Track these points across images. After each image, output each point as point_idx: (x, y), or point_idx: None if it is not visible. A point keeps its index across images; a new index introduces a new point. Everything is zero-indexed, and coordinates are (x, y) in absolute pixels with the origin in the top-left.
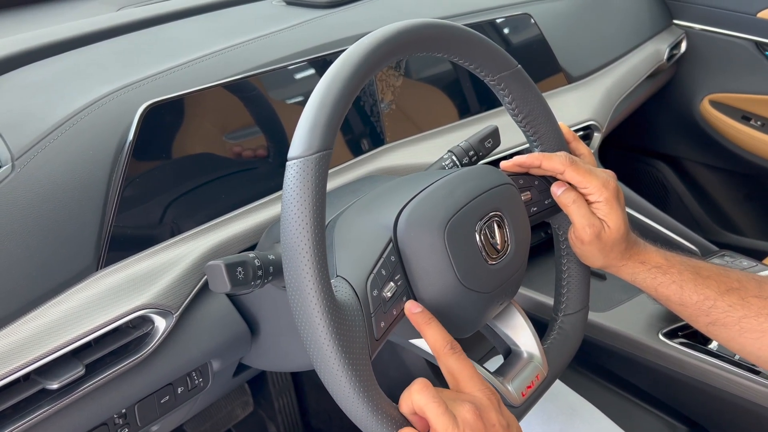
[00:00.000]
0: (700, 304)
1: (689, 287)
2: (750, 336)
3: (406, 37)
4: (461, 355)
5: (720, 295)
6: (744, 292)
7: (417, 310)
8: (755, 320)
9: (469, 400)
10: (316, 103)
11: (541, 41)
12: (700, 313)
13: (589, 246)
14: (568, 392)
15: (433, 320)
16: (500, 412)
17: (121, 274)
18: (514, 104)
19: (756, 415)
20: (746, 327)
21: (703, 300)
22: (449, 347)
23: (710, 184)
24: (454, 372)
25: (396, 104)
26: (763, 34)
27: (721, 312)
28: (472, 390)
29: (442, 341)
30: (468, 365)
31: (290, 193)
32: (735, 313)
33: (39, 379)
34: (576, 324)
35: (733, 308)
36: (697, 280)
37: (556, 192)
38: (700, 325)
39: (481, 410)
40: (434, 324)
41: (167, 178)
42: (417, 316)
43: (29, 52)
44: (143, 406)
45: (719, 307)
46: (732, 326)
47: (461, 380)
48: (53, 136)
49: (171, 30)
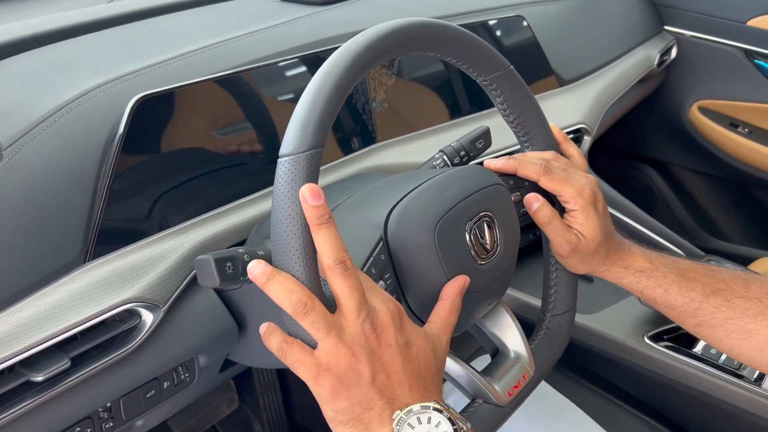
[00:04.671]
0: (685, 306)
1: (674, 290)
2: (736, 337)
3: (399, 36)
4: (350, 271)
5: (705, 297)
6: (729, 293)
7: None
8: (741, 321)
9: (362, 317)
10: (308, 101)
11: (534, 43)
12: (686, 315)
13: (568, 258)
14: (553, 394)
15: (280, 273)
16: (401, 330)
17: (108, 267)
18: (505, 105)
19: (738, 419)
20: (732, 328)
21: (689, 302)
22: (337, 266)
23: (697, 189)
24: (340, 295)
25: (388, 103)
26: (752, 41)
27: (707, 314)
28: (371, 302)
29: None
30: (355, 281)
31: (281, 190)
32: (721, 315)
33: (24, 371)
34: (563, 324)
35: (719, 310)
36: (681, 282)
37: (531, 206)
38: (687, 326)
39: (377, 327)
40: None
41: (157, 172)
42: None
43: (20, 41)
44: (128, 401)
45: (705, 309)
46: (718, 327)
47: (352, 299)
48: (43, 127)
49: (163, 23)
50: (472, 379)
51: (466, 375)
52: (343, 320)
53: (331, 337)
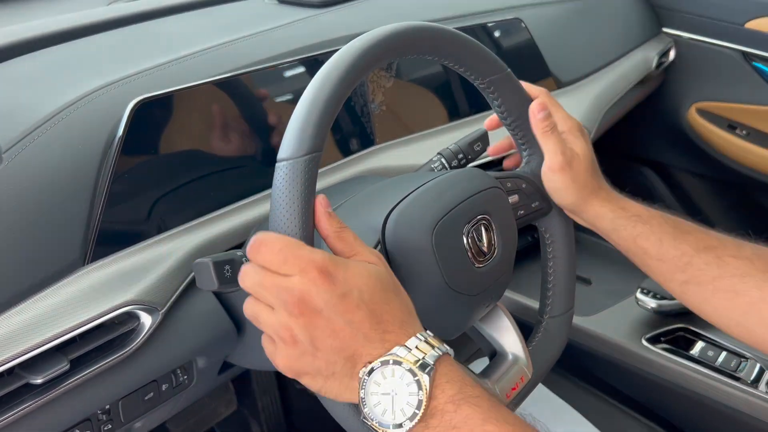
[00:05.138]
0: (677, 260)
1: (668, 241)
2: (723, 296)
3: (397, 40)
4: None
5: (697, 252)
6: (722, 250)
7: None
8: (729, 281)
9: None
10: (306, 105)
11: (532, 46)
12: (676, 270)
13: (561, 175)
14: (550, 396)
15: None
16: (331, 285)
17: (107, 269)
18: (503, 108)
19: (735, 421)
20: (720, 287)
21: (680, 255)
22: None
23: (695, 191)
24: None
25: (386, 105)
26: (750, 44)
27: (697, 269)
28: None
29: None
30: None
31: (279, 195)
32: (710, 272)
33: (23, 373)
34: (561, 326)
35: (709, 267)
36: (676, 234)
37: (536, 114)
38: (675, 284)
39: (298, 304)
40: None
41: (156, 175)
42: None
43: (20, 44)
44: (127, 403)
45: (695, 264)
46: (706, 285)
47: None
48: (42, 130)
49: (162, 26)
50: None
51: None
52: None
53: (275, 327)
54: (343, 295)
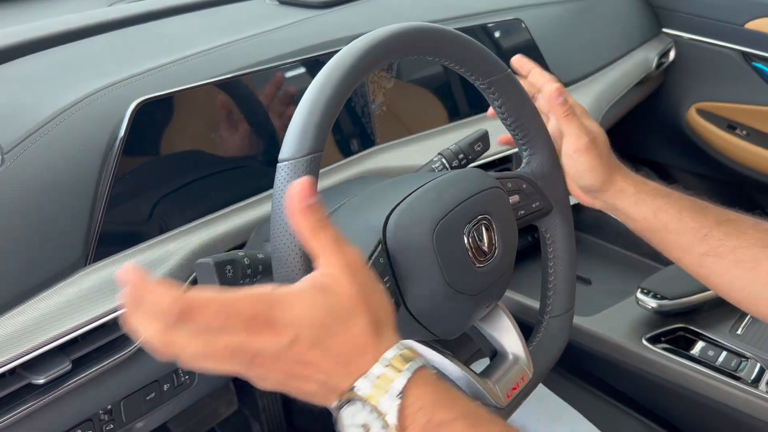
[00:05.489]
0: (696, 231)
1: (688, 213)
2: (743, 266)
3: (397, 41)
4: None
5: (717, 224)
6: (740, 223)
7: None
8: (749, 251)
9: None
10: (307, 105)
11: (532, 46)
12: (695, 242)
13: (588, 155)
14: (550, 396)
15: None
16: (273, 332)
17: (109, 270)
18: (503, 108)
19: (735, 421)
20: (740, 257)
21: (699, 227)
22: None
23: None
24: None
25: (387, 106)
26: (750, 44)
27: (716, 240)
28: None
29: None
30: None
31: (280, 195)
32: (730, 242)
33: (25, 373)
34: (561, 326)
35: (729, 237)
36: (694, 207)
37: (556, 98)
38: (693, 256)
39: (255, 354)
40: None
41: (158, 175)
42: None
43: (20, 45)
44: (129, 403)
45: (714, 236)
46: (726, 256)
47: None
48: (44, 131)
49: (163, 26)
50: (470, 381)
51: (465, 377)
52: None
53: (246, 370)
54: (292, 343)
